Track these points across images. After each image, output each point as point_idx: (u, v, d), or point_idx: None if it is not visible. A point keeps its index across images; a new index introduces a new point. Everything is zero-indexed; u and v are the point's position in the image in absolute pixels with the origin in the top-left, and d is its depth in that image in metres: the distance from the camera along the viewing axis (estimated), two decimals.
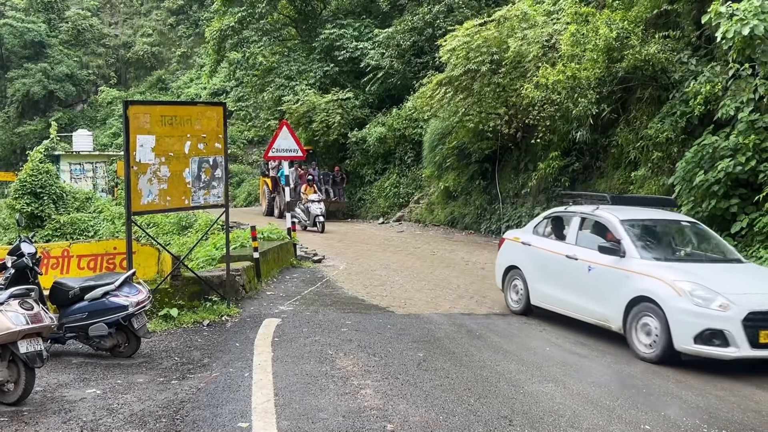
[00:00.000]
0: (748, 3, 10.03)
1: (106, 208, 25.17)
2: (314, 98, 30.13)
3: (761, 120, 12.69)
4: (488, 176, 22.80)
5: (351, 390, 6.49)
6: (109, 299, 7.47)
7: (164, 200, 9.31)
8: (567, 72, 15.92)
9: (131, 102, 9.18)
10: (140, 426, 5.58)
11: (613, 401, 6.46)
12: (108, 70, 62.35)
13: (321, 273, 13.86)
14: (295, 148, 15.67)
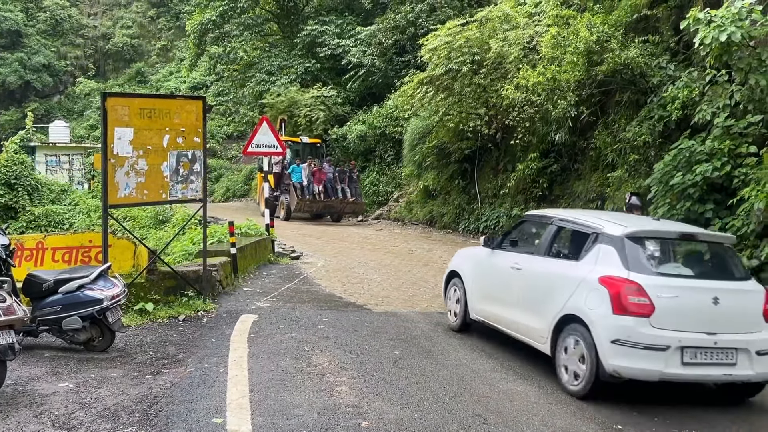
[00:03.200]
0: (726, 10, 10.17)
1: (82, 200, 24.92)
2: (296, 94, 30.06)
3: (736, 126, 12.87)
4: (467, 176, 22.90)
5: (326, 387, 6.49)
6: (84, 292, 7.39)
7: (141, 194, 9.23)
8: (547, 74, 16.05)
9: (109, 94, 9.09)
10: (113, 420, 5.54)
11: (587, 401, 6.52)
12: (86, 61, 61.70)
13: (299, 270, 13.83)
14: (274, 144, 15.60)
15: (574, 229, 7.77)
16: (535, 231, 8.69)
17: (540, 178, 19.02)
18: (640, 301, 6.46)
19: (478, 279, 8.96)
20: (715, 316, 6.58)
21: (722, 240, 7.71)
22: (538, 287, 7.72)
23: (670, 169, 13.35)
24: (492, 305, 8.51)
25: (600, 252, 7.06)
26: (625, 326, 6.41)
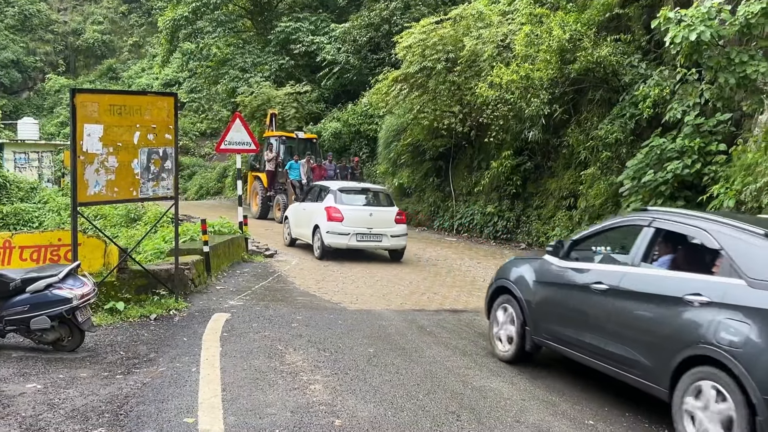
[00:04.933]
0: (696, 9, 10.28)
1: (51, 198, 24.52)
2: (269, 91, 29.88)
3: (706, 124, 13.05)
4: (442, 174, 22.96)
5: (300, 385, 6.45)
6: (52, 292, 7.26)
7: (112, 191, 9.10)
8: (520, 72, 16.14)
9: (79, 90, 8.92)
10: (82, 421, 5.45)
11: (558, 396, 6.57)
12: (56, 57, 60.79)
13: (272, 268, 13.76)
14: (248, 141, 15.49)
15: None
16: None
17: (514, 176, 19.13)
18: (337, 215, 14.65)
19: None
20: (371, 221, 14.84)
21: (380, 190, 16.72)
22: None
23: (643, 166, 13.51)
24: None
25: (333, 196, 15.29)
26: (333, 224, 14.67)
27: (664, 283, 5.90)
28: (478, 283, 13.05)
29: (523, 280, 7.65)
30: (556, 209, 17.64)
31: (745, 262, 5.32)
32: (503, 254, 17.21)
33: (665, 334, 5.65)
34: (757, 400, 4.77)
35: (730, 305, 5.22)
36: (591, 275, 6.69)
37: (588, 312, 6.60)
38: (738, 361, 4.96)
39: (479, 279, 13.50)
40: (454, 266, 14.90)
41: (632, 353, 6.00)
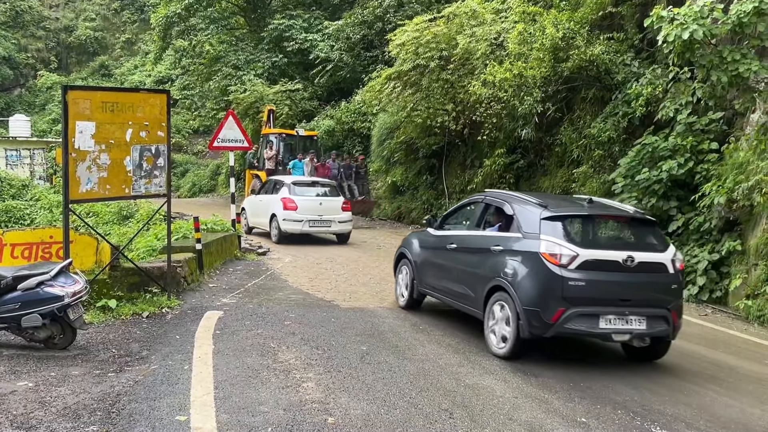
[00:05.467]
0: (689, 8, 10.32)
1: (43, 196, 24.43)
2: (262, 88, 29.80)
3: (698, 122, 13.10)
4: (435, 171, 22.97)
5: (293, 383, 6.44)
6: (44, 289, 7.23)
7: (104, 189, 9.06)
8: (514, 70, 16.15)
9: (71, 87, 8.88)
10: (74, 419, 5.43)
11: (551, 394, 6.58)
12: (48, 54, 60.50)
13: (265, 266, 13.74)
14: (241, 139, 15.46)
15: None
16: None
17: (507, 174, 19.15)
18: (292, 205, 16.81)
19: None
20: (321, 209, 17.11)
21: (329, 183, 18.83)
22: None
23: (636, 164, 13.55)
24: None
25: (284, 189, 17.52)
26: (288, 212, 16.82)
27: (482, 240, 8.57)
28: None
29: (412, 246, 10.29)
30: None
31: (524, 222, 7.98)
32: None
33: (481, 275, 8.27)
34: (519, 309, 7.51)
35: (512, 251, 7.87)
36: (448, 239, 9.29)
37: (445, 265, 9.26)
38: (511, 286, 7.67)
39: None
40: None
41: (466, 290, 8.64)
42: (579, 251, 7.41)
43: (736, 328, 10.52)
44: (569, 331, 7.46)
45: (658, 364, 7.97)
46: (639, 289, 7.60)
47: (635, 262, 7.46)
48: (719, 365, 8.21)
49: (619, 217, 8.17)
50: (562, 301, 7.34)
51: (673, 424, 6.00)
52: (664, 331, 7.67)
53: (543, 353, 7.97)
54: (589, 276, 7.38)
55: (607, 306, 7.45)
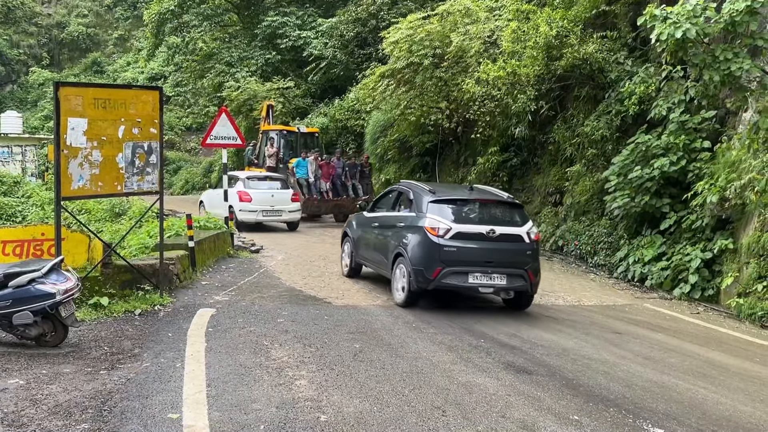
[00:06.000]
0: (681, 7, 10.34)
1: (35, 193, 24.30)
2: (255, 86, 29.73)
3: (691, 121, 13.14)
4: (429, 169, 22.97)
5: (285, 381, 6.43)
6: (35, 287, 7.18)
7: (96, 186, 9.01)
8: (507, 68, 16.16)
9: (62, 83, 8.83)
10: (65, 417, 5.40)
11: (544, 392, 6.59)
12: (40, 50, 60.17)
13: (258, 263, 13.71)
14: (234, 136, 15.42)
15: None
16: None
17: (500, 172, 19.18)
18: (247, 197, 18.75)
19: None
20: (272, 200, 19.09)
21: (279, 177, 20.44)
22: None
23: (629, 162, 13.58)
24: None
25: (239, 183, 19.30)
26: (244, 204, 18.73)
27: (393, 219, 11.15)
28: None
29: (352, 226, 12.67)
30: (542, 205, 17.71)
31: (417, 204, 10.44)
32: None
33: (390, 245, 10.75)
34: (410, 269, 9.95)
35: (409, 226, 10.37)
36: (374, 219, 11.83)
37: (371, 239, 11.72)
38: (406, 252, 10.09)
39: None
40: None
41: (382, 258, 11.08)
42: (452, 225, 9.91)
43: (728, 326, 10.57)
44: (446, 285, 9.88)
45: (651, 363, 7.99)
46: (500, 254, 9.95)
47: (497, 233, 9.94)
48: (711, 363, 8.24)
49: (489, 200, 10.66)
50: (440, 262, 9.79)
51: (664, 422, 6.02)
52: (523, 286, 10.09)
53: (536, 352, 7.97)
54: (460, 244, 9.85)
55: (474, 266, 9.84)
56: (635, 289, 13.04)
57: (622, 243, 14.12)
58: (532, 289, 10.24)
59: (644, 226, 13.76)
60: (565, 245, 16.05)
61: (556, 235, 16.43)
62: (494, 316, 10.08)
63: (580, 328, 9.64)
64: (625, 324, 10.16)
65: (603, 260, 14.60)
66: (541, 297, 11.80)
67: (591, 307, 11.36)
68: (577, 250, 15.49)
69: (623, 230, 14.21)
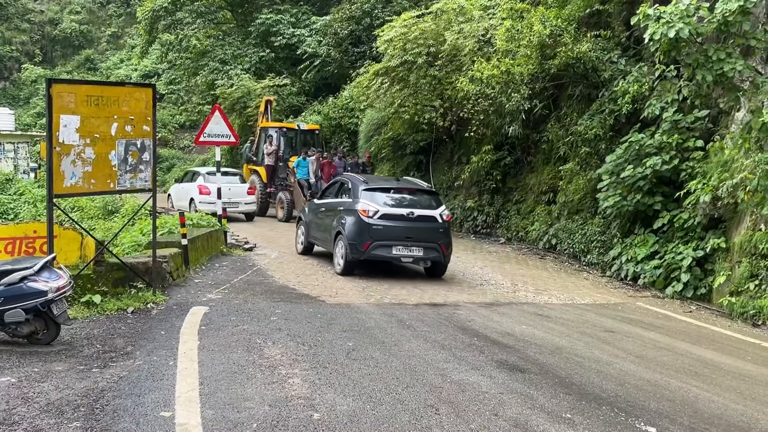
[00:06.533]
0: (675, 6, 10.37)
1: (27, 190, 24.20)
2: (249, 83, 29.66)
3: (684, 120, 13.18)
4: (423, 168, 22.97)
5: (278, 379, 6.43)
6: (27, 284, 7.15)
7: (88, 183, 8.98)
8: (501, 67, 16.18)
9: (55, 80, 8.79)
10: (57, 415, 5.38)
11: (536, 390, 6.60)
12: (33, 47, 59.85)
13: (252, 261, 13.69)
14: (227, 134, 15.39)
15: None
16: None
17: (494, 171, 19.20)
18: (206, 190, 20.28)
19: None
20: (229, 193, 19.68)
21: (236, 172, 22.87)
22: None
23: (622, 162, 13.61)
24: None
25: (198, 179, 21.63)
26: (203, 196, 20.22)
27: (336, 204, 13.33)
28: (457, 278, 13.09)
29: (305, 212, 14.99)
30: (536, 204, 17.74)
31: (354, 191, 12.79)
32: (483, 248, 17.28)
33: (333, 226, 12.95)
34: (346, 243, 12.23)
35: (347, 210, 12.61)
36: (322, 205, 14.07)
37: (319, 222, 13.94)
38: (344, 230, 12.36)
39: (459, 273, 13.54)
40: None
41: (327, 237, 13.30)
42: (379, 208, 12.34)
43: (720, 324, 10.61)
44: (375, 255, 12.29)
45: (643, 361, 8.02)
46: (418, 231, 12.35)
47: (415, 215, 12.40)
48: (703, 361, 8.27)
49: (411, 189, 13.14)
50: (370, 237, 12.16)
51: (657, 420, 6.04)
52: (437, 257, 12.58)
53: (530, 350, 7.99)
54: (385, 223, 12.25)
55: (397, 241, 12.25)
56: (628, 288, 13.08)
57: (615, 242, 14.16)
58: (444, 259, 12.68)
59: (637, 225, 13.80)
60: (558, 244, 16.08)
61: (549, 234, 16.46)
62: (488, 315, 10.09)
63: (572, 327, 9.66)
64: (617, 322, 10.19)
65: (596, 259, 14.64)
66: (534, 295, 11.84)
67: (584, 305, 11.39)
68: (570, 248, 15.53)
69: (616, 229, 14.25)
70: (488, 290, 12.12)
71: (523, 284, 12.78)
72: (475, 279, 13.09)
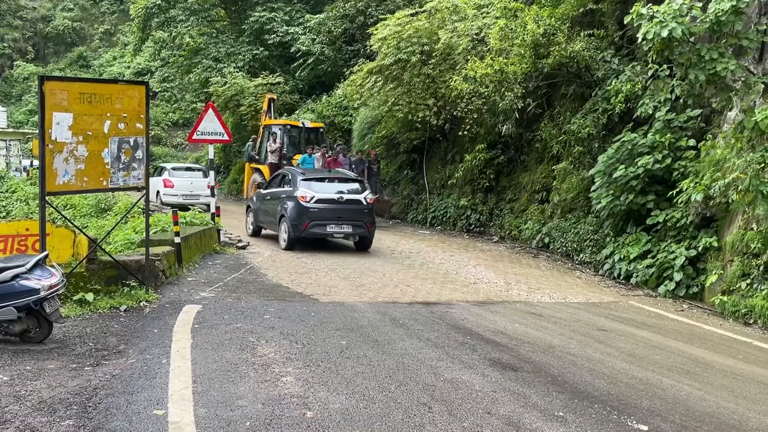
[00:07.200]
0: (668, 6, 10.40)
1: (19, 188, 24.11)
2: (242, 81, 29.61)
3: (676, 120, 13.23)
4: (416, 166, 22.99)
5: (271, 377, 6.43)
6: (19, 282, 7.13)
7: (81, 181, 8.96)
8: (495, 66, 16.20)
9: (47, 77, 8.75)
10: (49, 413, 5.37)
11: (529, 388, 6.62)
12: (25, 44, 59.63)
13: (245, 260, 13.68)
14: (220, 132, 15.37)
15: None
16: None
17: (487, 170, 19.23)
18: (170, 184, 23.15)
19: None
20: (191, 186, 23.25)
21: (200, 168, 25.63)
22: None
23: (614, 161, 13.65)
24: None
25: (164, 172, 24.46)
26: (168, 189, 23.09)
27: (279, 192, 15.54)
28: (450, 276, 13.11)
29: (253, 200, 17.29)
30: (529, 203, 17.77)
31: (294, 181, 15.13)
32: (476, 247, 17.30)
33: (278, 210, 15.28)
34: (289, 224, 14.86)
35: (288, 197, 14.98)
36: (267, 194, 16.38)
37: (266, 209, 16.25)
38: (286, 213, 14.88)
39: (452, 272, 13.56)
40: (427, 259, 14.95)
41: (272, 220, 15.79)
42: (315, 194, 14.77)
43: (712, 323, 10.66)
44: (312, 233, 14.84)
45: (635, 359, 8.05)
46: (346, 212, 14.93)
47: (344, 198, 15.01)
48: (695, 360, 8.31)
49: (341, 178, 15.92)
50: (307, 218, 14.64)
51: (648, 418, 6.06)
52: (363, 233, 15.22)
53: (523, 349, 8.00)
54: (320, 206, 14.74)
55: (330, 220, 14.79)
56: (620, 287, 13.12)
57: (607, 240, 14.20)
58: (369, 234, 15.40)
59: (630, 224, 13.84)
60: (551, 242, 16.12)
61: (542, 233, 16.49)
62: (481, 313, 10.11)
63: (565, 325, 9.69)
64: (610, 321, 10.22)
65: (589, 258, 14.68)
66: (527, 294, 11.86)
67: (576, 304, 11.42)
68: (563, 247, 15.57)
69: (609, 228, 14.28)
70: (481, 289, 12.14)
71: (516, 283, 12.81)
72: (468, 278, 13.11)
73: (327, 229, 14.86)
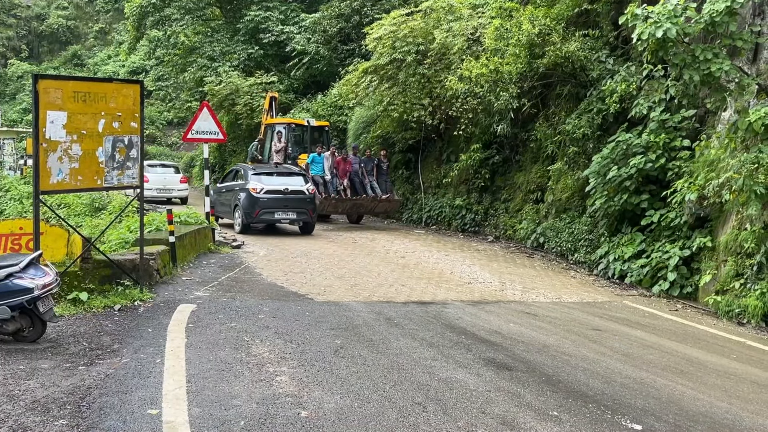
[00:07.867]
0: (662, 6, 10.42)
1: (13, 186, 24.03)
2: (237, 80, 29.57)
3: (671, 120, 13.26)
4: (411, 166, 22.99)
5: (266, 377, 6.42)
6: (13, 281, 7.11)
7: (75, 180, 8.94)
8: (490, 66, 16.22)
9: (41, 76, 8.72)
10: (43, 413, 5.36)
11: (523, 388, 6.63)
12: (19, 42, 59.44)
13: (240, 259, 13.66)
14: (215, 131, 15.34)
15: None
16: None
17: (482, 169, 19.24)
18: (145, 179, 15.02)
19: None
20: (165, 181, 26.98)
21: (173, 165, 30.61)
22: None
23: (608, 162, 13.68)
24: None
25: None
26: (145, 184, 13.36)
27: (234, 185, 18.34)
28: (445, 276, 13.11)
29: (210, 193, 16.42)
30: (524, 203, 17.79)
31: (246, 175, 18.04)
32: (471, 247, 17.32)
33: (232, 200, 18.09)
34: (242, 212, 17.53)
35: (241, 189, 17.68)
36: (223, 187, 19.02)
37: (222, 200, 18.72)
38: (240, 203, 17.56)
39: (447, 271, 13.57)
40: (422, 258, 14.94)
41: (228, 209, 18.39)
42: (264, 186, 17.25)
43: (706, 323, 10.69)
44: (263, 219, 17.42)
45: (630, 359, 8.07)
46: (292, 201, 17.38)
47: (289, 190, 17.37)
48: (689, 359, 8.33)
49: (286, 172, 18.60)
50: (258, 207, 17.13)
51: (642, 418, 6.08)
52: (306, 218, 17.78)
53: (517, 348, 8.01)
54: (269, 196, 17.18)
55: (277, 208, 17.24)
56: (615, 287, 13.14)
57: (602, 240, 14.22)
58: (312, 220, 17.95)
59: (624, 224, 13.87)
60: (546, 242, 16.14)
61: (537, 232, 16.52)
62: (475, 313, 10.12)
63: (560, 325, 9.70)
64: (604, 321, 10.24)
65: (583, 257, 14.70)
66: (522, 293, 11.88)
67: (571, 303, 11.44)
68: (558, 247, 15.60)
69: (603, 228, 14.31)
70: (476, 288, 12.15)
71: (510, 282, 12.82)
72: (463, 277, 13.12)
73: (275, 216, 17.40)
